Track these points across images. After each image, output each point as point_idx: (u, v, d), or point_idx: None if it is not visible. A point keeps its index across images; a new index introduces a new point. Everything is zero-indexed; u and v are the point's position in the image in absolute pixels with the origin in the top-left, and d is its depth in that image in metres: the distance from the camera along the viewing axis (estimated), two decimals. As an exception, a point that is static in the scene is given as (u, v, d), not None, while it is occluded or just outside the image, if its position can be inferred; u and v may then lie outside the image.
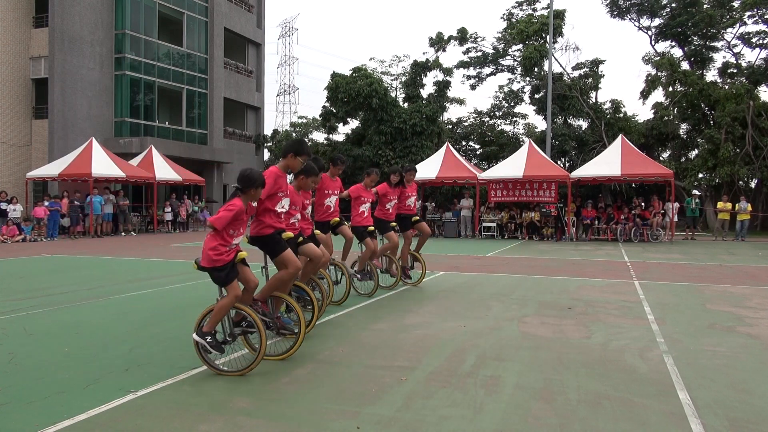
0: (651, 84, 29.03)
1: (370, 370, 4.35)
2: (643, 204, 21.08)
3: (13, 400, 3.65)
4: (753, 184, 27.38)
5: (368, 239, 7.52)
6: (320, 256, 5.57)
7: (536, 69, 30.54)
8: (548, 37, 27.08)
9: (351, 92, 29.95)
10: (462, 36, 33.50)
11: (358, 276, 7.55)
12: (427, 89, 33.46)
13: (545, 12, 30.81)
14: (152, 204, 25.02)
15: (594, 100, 31.05)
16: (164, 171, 24.38)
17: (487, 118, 36.07)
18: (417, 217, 8.75)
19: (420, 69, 32.84)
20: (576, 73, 32.06)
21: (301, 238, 5.44)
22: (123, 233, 22.23)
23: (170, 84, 30.21)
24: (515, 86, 34.71)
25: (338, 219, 7.07)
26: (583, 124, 31.54)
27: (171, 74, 30.23)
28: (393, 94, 32.81)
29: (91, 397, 3.69)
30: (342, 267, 7.06)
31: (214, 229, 4.16)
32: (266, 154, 39.67)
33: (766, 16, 27.89)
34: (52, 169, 21.70)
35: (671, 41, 31.45)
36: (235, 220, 4.21)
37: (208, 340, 4.18)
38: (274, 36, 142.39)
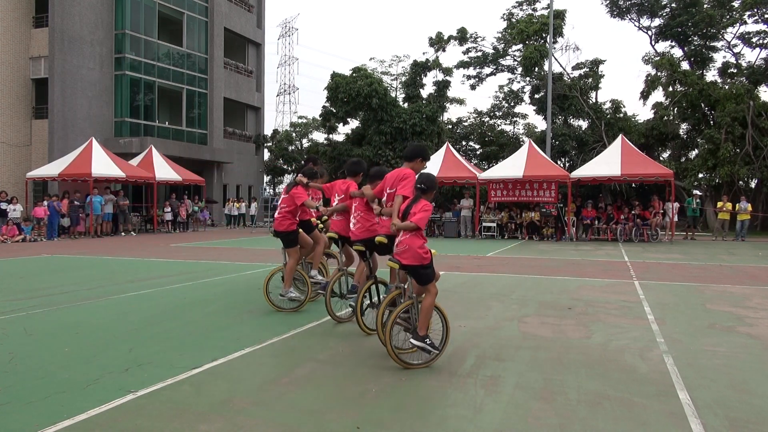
0: (651, 84, 29.03)
1: (370, 370, 4.35)
2: (640, 204, 21.06)
3: (13, 400, 3.65)
4: (753, 184, 27.38)
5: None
6: None
7: (536, 69, 30.53)
8: (548, 37, 27.08)
9: (351, 92, 29.95)
10: (462, 36, 33.51)
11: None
12: (427, 89, 33.48)
13: (545, 12, 30.81)
14: (152, 204, 25.02)
15: (594, 100, 31.05)
16: (164, 171, 24.37)
17: (487, 118, 36.08)
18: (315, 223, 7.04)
19: (420, 69, 32.84)
20: (576, 73, 32.08)
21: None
22: (123, 233, 22.23)
23: (170, 84, 30.21)
24: (515, 86, 34.74)
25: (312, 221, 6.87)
26: (583, 124, 31.55)
27: (171, 74, 30.23)
28: (393, 94, 32.81)
29: (91, 397, 3.69)
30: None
31: (419, 228, 4.44)
32: (266, 154, 39.67)
33: (766, 16, 27.89)
34: (52, 169, 21.69)
35: (671, 41, 31.46)
36: None
37: (428, 342, 4.41)
38: (274, 36, 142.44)
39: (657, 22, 31.51)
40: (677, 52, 30.99)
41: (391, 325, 4.40)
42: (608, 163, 20.33)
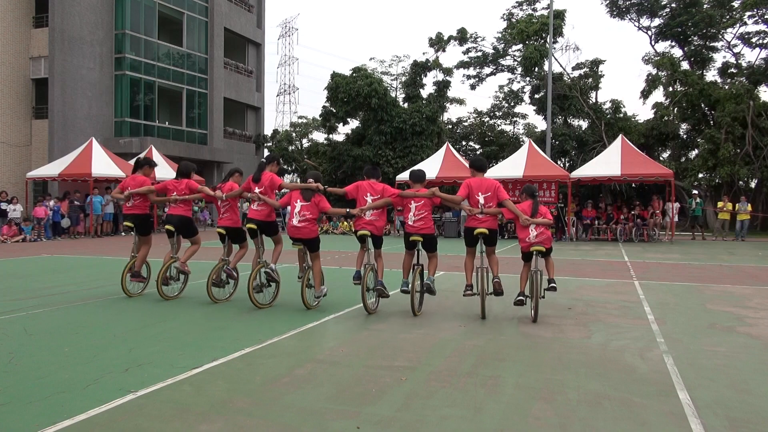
0: (651, 84, 29.03)
1: (370, 370, 4.35)
2: (640, 204, 21.07)
3: (13, 400, 3.65)
4: (753, 184, 27.39)
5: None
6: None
7: (536, 69, 30.53)
8: (548, 37, 27.07)
9: (351, 92, 29.95)
10: (462, 36, 33.50)
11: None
12: (427, 89, 33.48)
13: (545, 12, 30.81)
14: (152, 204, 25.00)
15: (594, 100, 31.05)
16: (164, 171, 24.35)
17: (487, 118, 36.08)
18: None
19: (420, 69, 32.84)
20: (576, 73, 32.07)
21: None
22: (123, 233, 22.22)
23: (170, 84, 30.21)
24: (515, 86, 34.74)
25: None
26: (583, 124, 31.55)
27: (171, 74, 30.23)
28: (393, 94, 32.82)
29: (91, 397, 3.69)
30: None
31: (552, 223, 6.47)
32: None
33: (766, 16, 27.89)
34: (52, 169, 21.69)
35: (671, 41, 31.47)
36: None
37: None
38: (274, 36, 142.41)
39: (657, 22, 31.52)
40: (677, 52, 31.01)
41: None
42: (608, 163, 20.32)
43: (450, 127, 35.73)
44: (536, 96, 31.83)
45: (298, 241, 6.76)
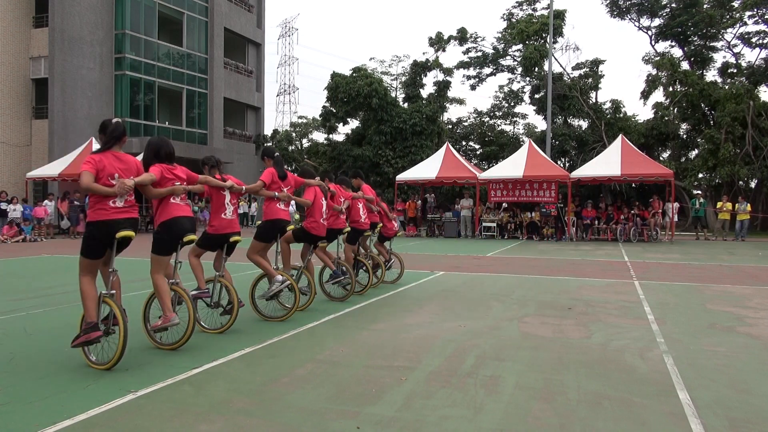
0: (651, 84, 29.04)
1: (370, 370, 4.35)
2: (640, 204, 21.07)
3: (13, 400, 3.65)
4: (753, 185, 27.39)
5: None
6: None
7: (536, 69, 30.53)
8: (548, 37, 27.08)
9: (351, 92, 29.95)
10: (462, 36, 33.51)
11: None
12: (427, 89, 33.49)
13: (545, 12, 30.81)
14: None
15: (594, 100, 31.06)
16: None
17: (487, 118, 36.08)
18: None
19: (420, 69, 32.85)
20: (576, 73, 32.09)
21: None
22: (123, 233, 22.21)
23: (170, 84, 30.21)
24: (515, 86, 34.75)
25: None
26: (583, 124, 31.56)
27: (171, 74, 30.23)
28: (393, 94, 32.82)
29: (91, 397, 3.69)
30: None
31: None
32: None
33: (766, 16, 27.89)
34: (52, 169, 21.70)
35: (671, 41, 31.47)
36: None
37: None
38: (274, 36, 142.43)
39: (657, 22, 31.53)
40: (677, 52, 31.03)
41: None
42: (608, 163, 20.33)
43: (450, 127, 35.74)
44: (536, 96, 31.84)
45: (329, 238, 7.06)
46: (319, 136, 40.36)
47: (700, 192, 25.34)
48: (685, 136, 29.98)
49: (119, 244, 4.38)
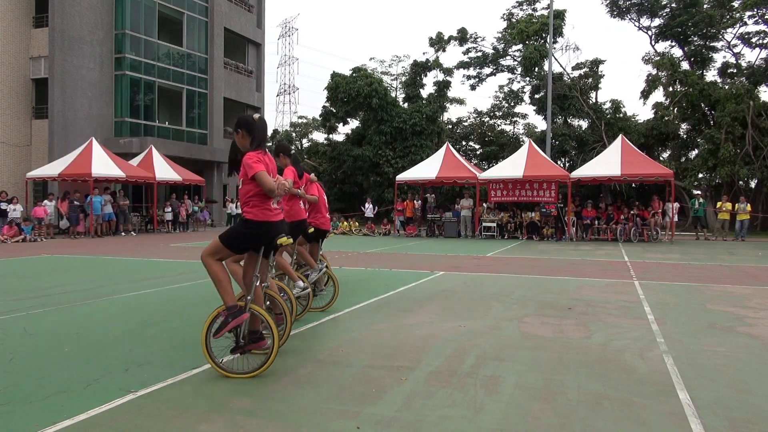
0: (651, 84, 29.05)
1: (370, 370, 4.35)
2: (640, 204, 21.08)
3: (13, 400, 3.65)
4: (753, 184, 27.40)
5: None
6: None
7: (536, 69, 30.56)
8: (548, 37, 27.08)
9: (351, 92, 29.98)
10: (462, 36, 33.53)
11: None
12: (427, 89, 33.52)
13: (545, 12, 30.82)
14: (152, 204, 25.02)
15: (594, 100, 31.07)
16: (164, 171, 24.38)
17: (487, 118, 36.10)
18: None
19: (420, 69, 32.87)
20: (576, 73, 32.11)
21: None
22: (123, 233, 22.23)
23: (170, 84, 30.21)
24: (515, 86, 34.79)
25: None
26: (583, 124, 31.59)
27: (171, 74, 30.23)
28: (393, 94, 32.85)
29: (91, 397, 3.69)
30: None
31: None
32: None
33: (766, 16, 27.90)
34: (52, 169, 21.70)
35: (671, 41, 31.49)
36: None
37: None
38: (274, 36, 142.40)
39: (657, 22, 31.54)
40: (677, 52, 31.04)
41: None
42: (608, 163, 20.33)
43: (450, 127, 35.77)
44: (536, 96, 31.86)
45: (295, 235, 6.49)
46: (319, 136, 40.41)
47: (700, 192, 25.35)
48: (685, 136, 29.99)
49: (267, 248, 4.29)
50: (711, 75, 30.54)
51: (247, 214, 4.22)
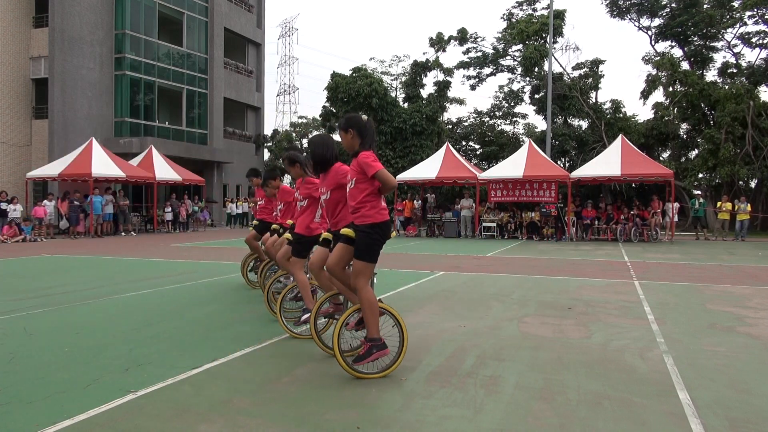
0: (651, 84, 29.04)
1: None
2: (640, 204, 21.08)
3: (13, 400, 3.65)
4: (753, 184, 27.40)
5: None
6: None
7: (536, 69, 30.54)
8: (548, 37, 27.08)
9: (351, 92, 29.96)
10: (462, 36, 33.52)
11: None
12: (427, 89, 33.50)
13: (545, 12, 30.82)
14: (152, 204, 25.02)
15: (594, 100, 31.06)
16: (164, 171, 24.38)
17: (487, 118, 36.08)
18: None
19: (420, 69, 32.85)
20: (576, 73, 32.09)
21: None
22: (123, 233, 22.23)
23: (170, 84, 30.22)
24: (515, 86, 34.76)
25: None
26: (583, 124, 31.57)
27: (171, 74, 30.24)
28: (393, 94, 32.84)
29: (91, 397, 3.69)
30: None
31: None
32: (266, 154, 39.70)
33: (766, 16, 27.90)
34: (52, 169, 21.71)
35: (671, 41, 31.48)
36: None
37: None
38: (274, 36, 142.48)
39: (657, 22, 31.54)
40: (677, 52, 31.03)
41: None
42: (608, 163, 20.34)
43: (450, 127, 35.75)
44: (536, 96, 31.85)
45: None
46: (318, 137, 40.38)
47: (700, 192, 25.34)
48: (685, 136, 29.99)
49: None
50: (711, 75, 30.57)
51: (367, 219, 4.09)
